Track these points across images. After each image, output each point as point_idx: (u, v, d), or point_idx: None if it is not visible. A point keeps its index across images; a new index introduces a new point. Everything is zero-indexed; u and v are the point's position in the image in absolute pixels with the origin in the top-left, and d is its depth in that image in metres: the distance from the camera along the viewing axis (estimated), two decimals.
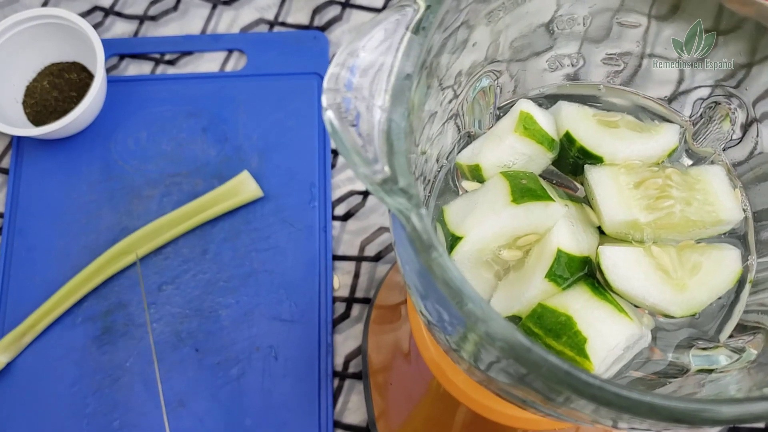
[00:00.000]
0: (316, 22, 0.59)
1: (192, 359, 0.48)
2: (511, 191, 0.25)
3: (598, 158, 0.27)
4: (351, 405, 0.48)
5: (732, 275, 0.26)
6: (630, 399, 0.18)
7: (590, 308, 0.24)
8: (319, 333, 0.49)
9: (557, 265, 0.24)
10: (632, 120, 0.28)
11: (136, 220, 0.52)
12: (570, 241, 0.25)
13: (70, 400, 0.48)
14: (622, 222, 0.26)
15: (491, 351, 0.21)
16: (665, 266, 0.25)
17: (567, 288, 0.25)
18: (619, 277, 0.25)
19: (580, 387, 0.18)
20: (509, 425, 0.31)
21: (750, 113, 0.28)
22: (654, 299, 0.25)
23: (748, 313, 0.27)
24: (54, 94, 0.54)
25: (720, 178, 0.27)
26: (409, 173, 0.19)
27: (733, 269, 0.26)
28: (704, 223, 0.26)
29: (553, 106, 0.29)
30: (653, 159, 0.28)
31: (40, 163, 0.54)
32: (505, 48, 0.27)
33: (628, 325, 0.24)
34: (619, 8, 0.28)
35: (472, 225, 0.25)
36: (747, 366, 0.25)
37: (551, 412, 0.23)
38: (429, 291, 0.22)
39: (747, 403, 0.18)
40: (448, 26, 0.23)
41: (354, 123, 0.20)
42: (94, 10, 0.60)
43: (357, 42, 0.21)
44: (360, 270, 0.52)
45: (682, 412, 0.18)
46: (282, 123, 0.55)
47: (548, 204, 0.25)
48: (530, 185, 0.25)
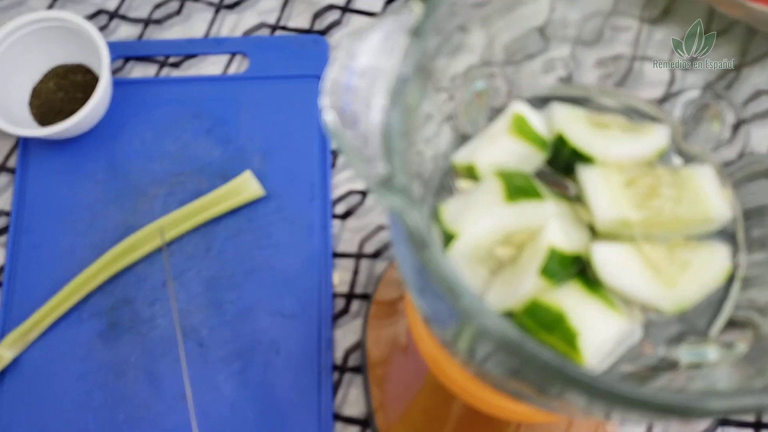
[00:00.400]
0: (316, 26, 0.59)
1: (196, 353, 0.49)
2: (505, 190, 0.26)
3: (590, 158, 0.27)
4: (350, 398, 0.49)
5: (721, 272, 0.26)
6: (621, 392, 0.18)
7: (582, 304, 0.25)
8: (319, 328, 0.50)
9: (550, 261, 0.25)
10: (623, 121, 0.29)
11: (141, 218, 0.53)
12: (562, 238, 0.25)
13: (75, 394, 0.48)
14: (613, 220, 0.26)
15: (486, 345, 0.21)
16: (656, 263, 0.26)
17: (560, 284, 0.25)
18: (611, 273, 0.25)
19: (573, 380, 0.18)
20: (503, 417, 0.31)
21: (739, 114, 0.28)
22: (645, 295, 0.25)
23: (738, 309, 0.27)
24: (60, 95, 0.55)
25: (709, 177, 0.27)
26: (406, 173, 0.20)
27: (722, 266, 0.26)
28: (694, 221, 0.27)
29: (546, 107, 0.29)
30: (644, 159, 0.28)
31: (47, 162, 0.55)
32: (499, 51, 0.28)
33: (619, 320, 0.24)
34: (611, 12, 0.28)
35: (466, 223, 0.26)
36: (736, 361, 0.25)
37: (545, 404, 0.24)
38: (425, 287, 0.22)
39: (735, 396, 0.19)
40: (443, 30, 0.23)
41: (353, 124, 0.20)
42: (99, 13, 0.60)
43: (355, 45, 0.21)
44: (359, 267, 0.52)
45: (673, 404, 0.18)
46: (283, 124, 0.55)
47: (541, 202, 0.26)
48: (523, 184, 0.26)
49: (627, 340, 0.26)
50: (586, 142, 0.27)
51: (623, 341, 0.25)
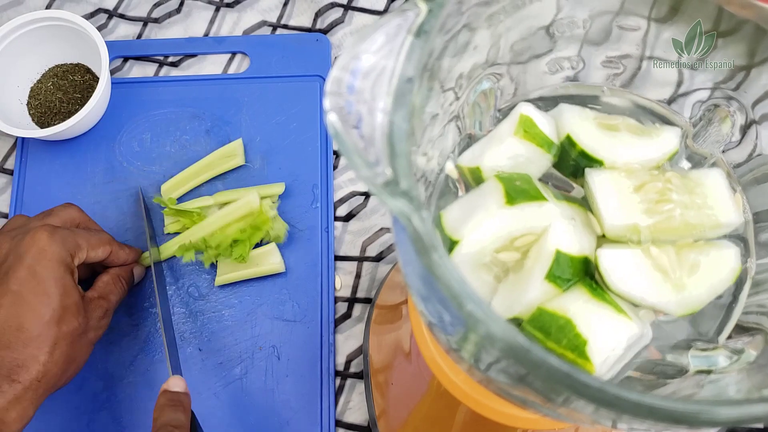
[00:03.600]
0: (318, 24, 0.59)
1: (195, 359, 0.49)
2: (505, 193, 0.25)
3: (599, 162, 0.27)
4: (352, 404, 0.48)
5: (731, 273, 0.26)
6: (629, 400, 0.18)
7: (589, 310, 0.24)
8: (321, 333, 0.49)
9: (557, 265, 0.25)
10: (633, 123, 0.28)
11: (140, 220, 0.52)
12: (568, 241, 0.25)
13: (75, 399, 0.48)
14: (623, 226, 0.26)
15: (491, 351, 0.21)
16: (664, 266, 0.25)
17: (567, 289, 0.25)
18: (618, 279, 0.25)
19: (580, 388, 0.18)
20: (509, 425, 0.31)
21: (749, 115, 0.28)
22: (653, 300, 0.25)
23: (747, 315, 0.27)
24: (58, 95, 0.55)
25: (720, 181, 0.27)
26: (410, 175, 0.20)
27: (732, 267, 0.26)
28: (703, 226, 0.26)
29: (554, 108, 0.29)
30: (654, 162, 0.28)
31: (45, 164, 0.54)
32: (505, 51, 0.27)
33: (628, 325, 0.24)
34: (619, 11, 0.28)
35: (468, 228, 0.25)
36: (746, 367, 0.25)
37: (551, 412, 0.23)
38: (430, 292, 0.22)
39: (745, 404, 0.19)
40: (449, 30, 0.23)
41: (356, 126, 0.20)
42: (98, 12, 0.60)
43: (359, 45, 0.21)
44: (361, 270, 0.52)
45: (681, 413, 0.18)
46: (285, 125, 0.55)
47: (542, 203, 0.25)
48: (524, 186, 0.25)
49: (636, 344, 0.25)
50: (595, 145, 0.27)
51: (633, 346, 0.25)
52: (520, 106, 0.27)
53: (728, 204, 0.26)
